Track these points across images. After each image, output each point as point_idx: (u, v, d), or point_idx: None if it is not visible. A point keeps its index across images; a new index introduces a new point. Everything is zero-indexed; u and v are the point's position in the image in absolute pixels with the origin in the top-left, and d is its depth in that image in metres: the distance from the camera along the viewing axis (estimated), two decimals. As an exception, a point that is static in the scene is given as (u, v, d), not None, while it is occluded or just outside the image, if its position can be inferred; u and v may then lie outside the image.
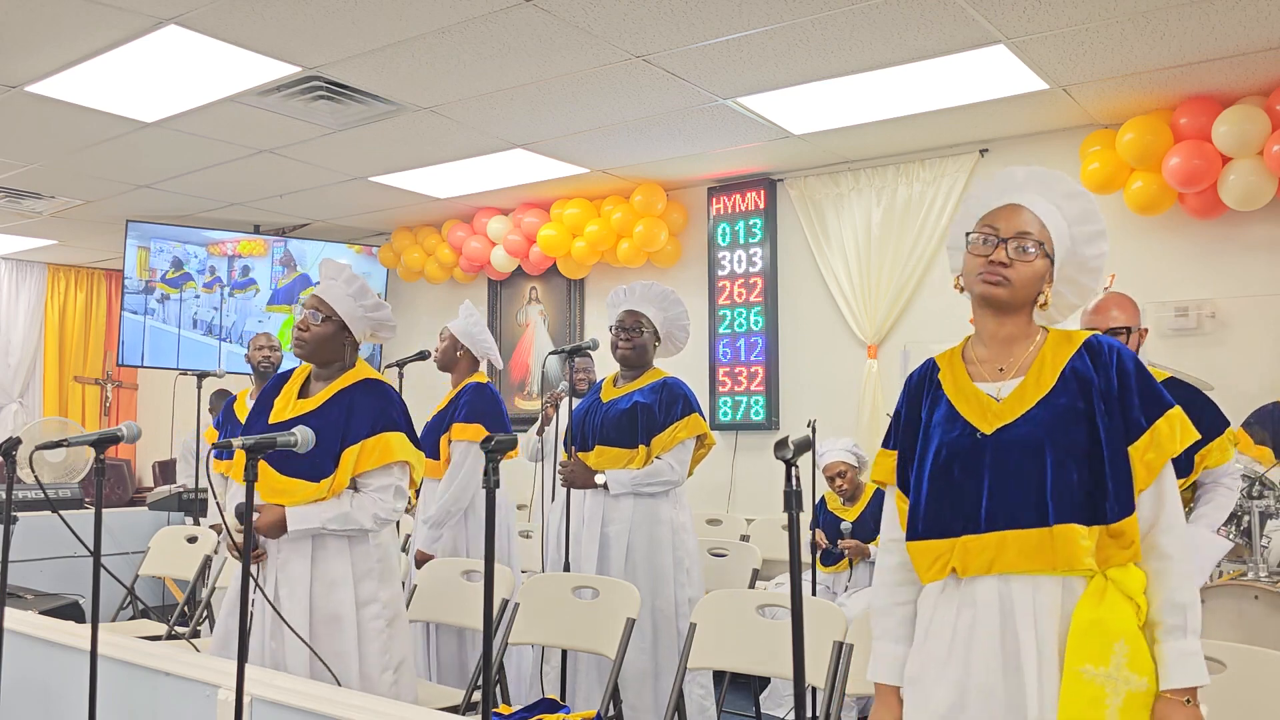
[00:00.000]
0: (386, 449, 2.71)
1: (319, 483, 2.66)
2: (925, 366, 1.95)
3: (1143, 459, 1.72)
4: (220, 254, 6.90)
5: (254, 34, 3.74)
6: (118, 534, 5.68)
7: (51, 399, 8.80)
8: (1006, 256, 1.79)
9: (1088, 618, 1.66)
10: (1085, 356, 1.78)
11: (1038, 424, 1.75)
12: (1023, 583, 1.72)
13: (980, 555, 1.74)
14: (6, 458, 2.49)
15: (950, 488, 1.79)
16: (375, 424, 2.72)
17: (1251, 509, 3.51)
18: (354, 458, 2.68)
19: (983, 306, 1.85)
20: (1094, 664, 1.64)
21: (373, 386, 2.80)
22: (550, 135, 4.96)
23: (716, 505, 5.65)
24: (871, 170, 5.37)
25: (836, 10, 3.50)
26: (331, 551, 2.71)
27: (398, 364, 4.06)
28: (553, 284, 6.67)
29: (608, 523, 3.49)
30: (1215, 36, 3.69)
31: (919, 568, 1.84)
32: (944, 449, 1.81)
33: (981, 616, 1.74)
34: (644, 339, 3.56)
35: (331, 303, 2.78)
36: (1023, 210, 1.83)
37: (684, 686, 2.77)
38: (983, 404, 1.81)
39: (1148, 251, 4.64)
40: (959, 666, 1.75)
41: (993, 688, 1.71)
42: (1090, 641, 1.65)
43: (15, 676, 2.63)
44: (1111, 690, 1.63)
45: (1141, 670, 1.65)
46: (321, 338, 2.76)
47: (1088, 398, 1.75)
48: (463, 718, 2.95)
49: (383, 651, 2.74)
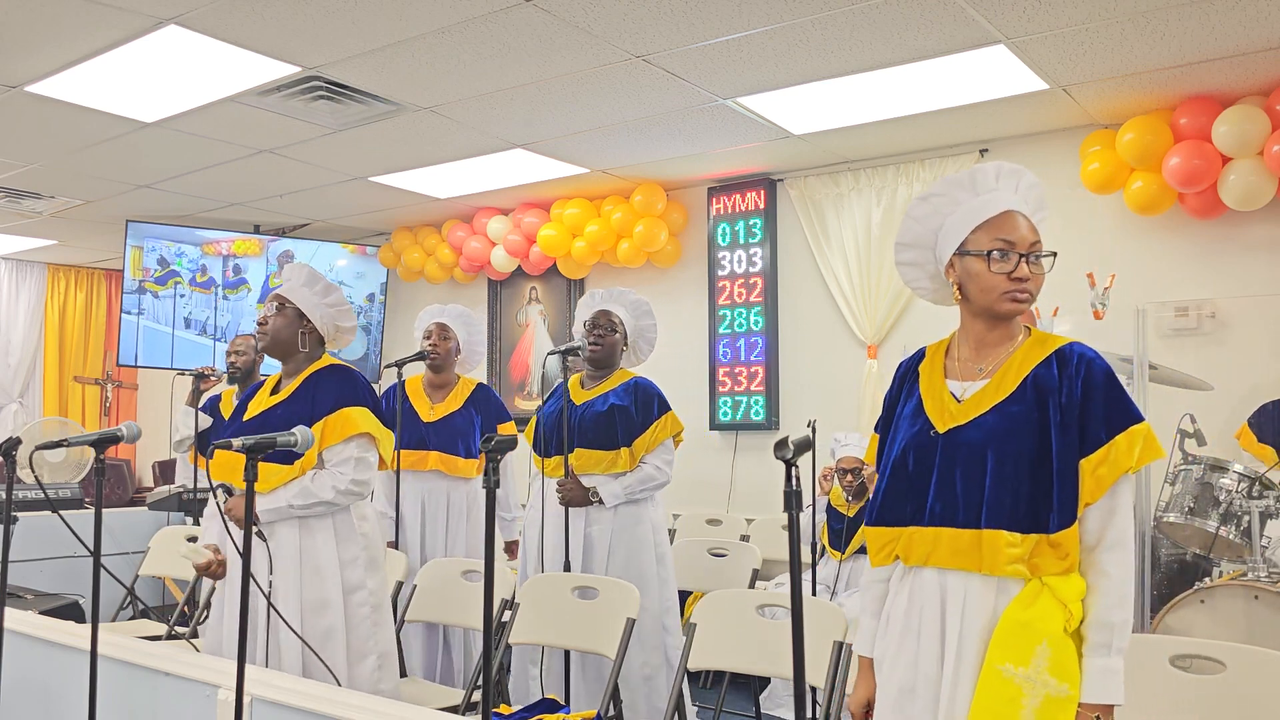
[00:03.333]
0: (347, 422, 2.80)
1: (292, 465, 2.74)
2: (916, 355, 1.99)
3: (1094, 472, 1.72)
4: (215, 254, 6.90)
5: (254, 34, 3.73)
6: (118, 534, 5.68)
7: (51, 399, 8.80)
8: (1028, 271, 1.78)
9: (1016, 618, 1.69)
10: (1053, 364, 1.79)
11: (986, 429, 1.78)
12: (958, 578, 1.77)
13: (920, 547, 1.81)
14: (6, 458, 2.49)
15: (905, 480, 1.85)
16: (338, 401, 2.81)
17: (1251, 509, 3.51)
18: (319, 434, 2.76)
19: (990, 317, 1.85)
20: (1014, 663, 1.66)
21: (337, 370, 2.91)
22: (550, 135, 4.96)
23: (716, 505, 5.64)
24: (871, 170, 5.36)
25: (836, 10, 3.50)
26: (319, 540, 2.78)
27: (397, 364, 4.06)
28: (553, 284, 6.66)
29: (590, 523, 3.52)
30: (1215, 36, 3.69)
31: (871, 551, 1.92)
32: (903, 441, 1.87)
33: (925, 607, 1.80)
34: (614, 339, 3.63)
35: (286, 294, 2.90)
36: (1018, 216, 1.82)
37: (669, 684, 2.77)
38: (944, 402, 1.85)
39: (1148, 251, 4.64)
40: (910, 653, 1.81)
41: (933, 677, 1.77)
42: (1014, 641, 1.67)
43: (15, 676, 2.63)
44: (1029, 691, 1.65)
45: (1062, 676, 1.66)
46: (278, 327, 2.88)
47: (1044, 407, 1.75)
48: (463, 718, 2.96)
49: (367, 637, 2.82)
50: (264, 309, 2.91)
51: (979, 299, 1.83)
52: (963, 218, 1.85)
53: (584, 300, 3.76)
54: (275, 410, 2.84)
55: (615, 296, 3.70)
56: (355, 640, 2.80)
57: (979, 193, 1.86)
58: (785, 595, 2.65)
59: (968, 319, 1.89)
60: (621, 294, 3.72)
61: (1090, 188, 4.54)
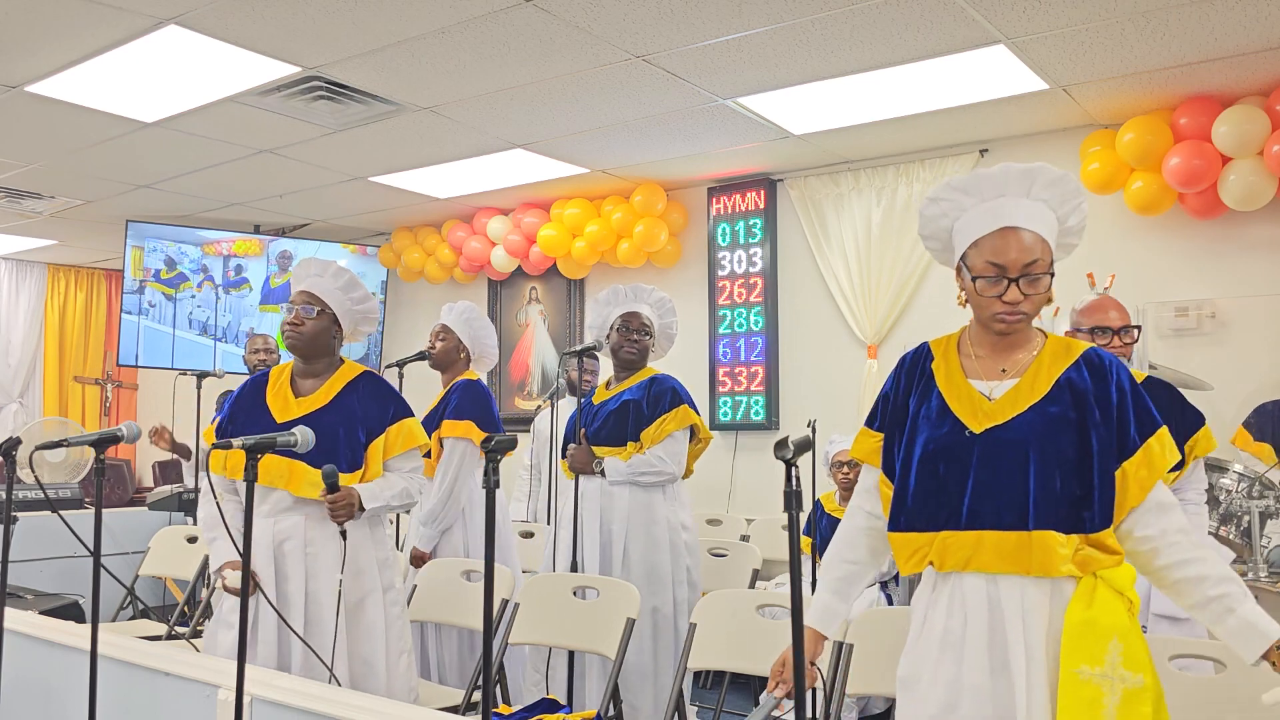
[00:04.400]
0: (410, 434, 2.86)
1: (352, 474, 2.75)
2: (919, 352, 1.94)
3: (1135, 475, 1.73)
4: (215, 254, 6.91)
5: (254, 34, 3.73)
6: (118, 534, 5.68)
7: (51, 399, 8.80)
8: (1020, 294, 1.75)
9: (1080, 618, 1.67)
10: (1084, 369, 1.78)
11: (1027, 428, 1.75)
12: (1011, 583, 1.73)
13: (958, 552, 1.77)
14: (6, 458, 2.49)
15: (934, 482, 1.81)
16: (394, 412, 2.86)
17: (1251, 509, 3.51)
18: (382, 447, 2.81)
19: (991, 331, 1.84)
20: (1090, 664, 1.65)
21: (375, 379, 2.92)
22: (550, 135, 4.96)
23: (716, 505, 5.65)
24: (871, 170, 5.37)
25: (836, 10, 3.50)
26: (357, 539, 2.76)
27: (398, 364, 4.06)
28: (553, 284, 6.67)
29: (608, 521, 3.50)
30: (1215, 36, 3.69)
31: (898, 558, 1.87)
32: (931, 443, 1.82)
33: (971, 617, 1.76)
34: (648, 342, 3.62)
35: (323, 295, 2.84)
36: (1020, 233, 1.75)
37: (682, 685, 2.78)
38: (975, 402, 1.81)
39: (1148, 251, 4.64)
40: (951, 666, 1.76)
41: (983, 688, 1.73)
42: (1084, 642, 1.66)
43: (15, 676, 2.63)
44: (1108, 689, 1.64)
45: (1137, 667, 1.66)
46: (316, 331, 2.81)
47: (1081, 409, 1.75)
48: (463, 718, 2.96)
49: (399, 636, 2.85)
50: (297, 309, 2.81)
51: (976, 313, 1.85)
52: (964, 227, 1.82)
53: (606, 297, 3.68)
54: (319, 415, 2.75)
55: (641, 295, 3.66)
56: (393, 638, 2.82)
57: (983, 199, 1.80)
58: (785, 595, 2.65)
59: (977, 327, 1.88)
60: (647, 292, 3.68)
61: (1090, 188, 4.54)
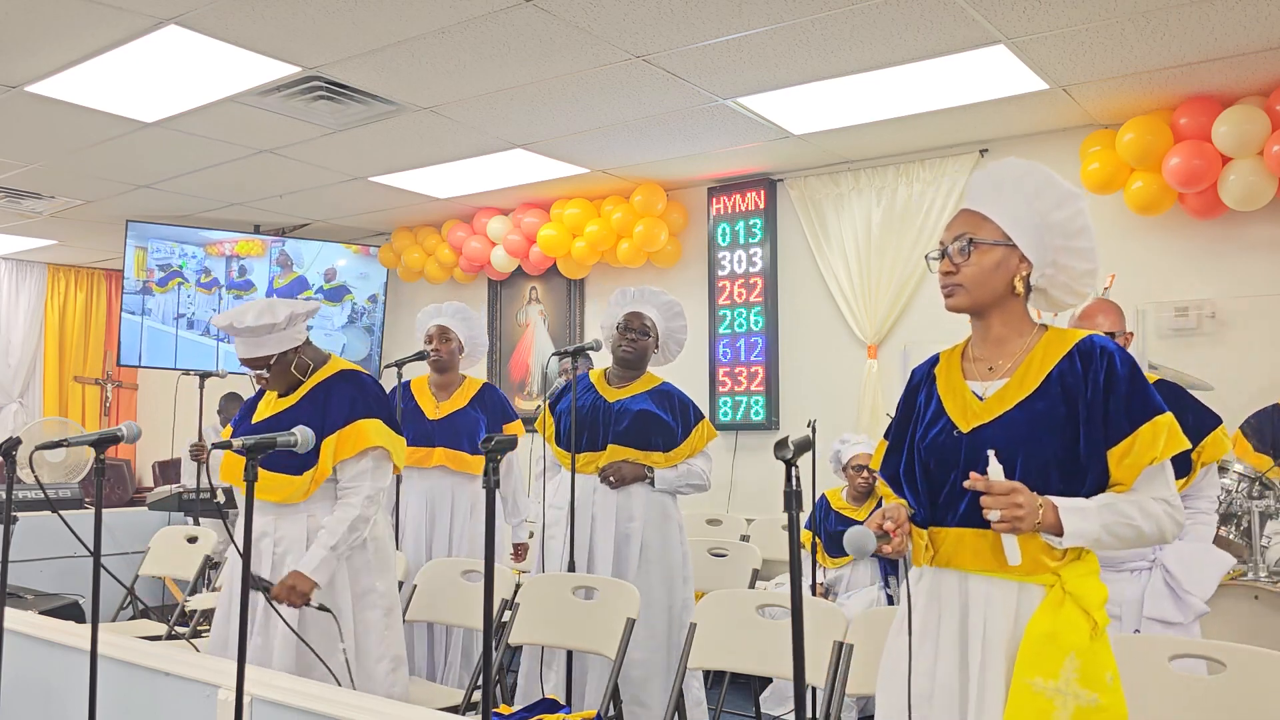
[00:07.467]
0: (361, 436, 2.78)
1: (302, 475, 2.73)
2: (929, 362, 1.99)
3: (1120, 463, 1.72)
4: (218, 254, 6.91)
5: (254, 34, 3.73)
6: (118, 534, 5.68)
7: (51, 399, 8.80)
8: (951, 264, 1.83)
9: (1042, 630, 1.67)
10: (1076, 360, 1.77)
11: (1012, 427, 1.76)
12: (979, 582, 1.75)
13: (943, 549, 1.81)
14: (6, 458, 2.49)
15: (927, 481, 1.84)
16: (351, 412, 2.79)
17: (1251, 509, 3.51)
18: (332, 447, 2.75)
19: (969, 314, 1.89)
20: (1044, 677, 1.65)
21: (348, 376, 2.87)
22: (550, 135, 4.96)
23: (716, 505, 5.64)
24: (871, 170, 5.36)
25: (836, 10, 3.50)
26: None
27: (397, 364, 4.05)
28: (553, 284, 6.67)
29: (625, 520, 3.49)
30: (1215, 36, 3.69)
31: (914, 550, 1.90)
32: (924, 442, 1.86)
33: (945, 611, 1.79)
34: (647, 343, 3.60)
35: (261, 353, 2.79)
36: (965, 214, 1.87)
37: (683, 684, 2.78)
38: (966, 402, 1.84)
39: (1148, 251, 4.64)
40: (928, 659, 1.80)
41: (951, 685, 1.76)
42: (1042, 654, 1.66)
43: (15, 676, 2.63)
44: (1060, 704, 1.64)
45: (1093, 686, 1.66)
46: (277, 373, 2.83)
47: (1071, 403, 1.74)
48: (463, 718, 2.95)
49: (379, 642, 2.80)
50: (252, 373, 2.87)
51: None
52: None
53: (616, 298, 3.67)
54: (286, 415, 2.80)
55: (647, 297, 3.63)
56: (369, 644, 2.79)
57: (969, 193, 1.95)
58: (785, 595, 2.65)
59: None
60: (654, 294, 3.65)
61: (1090, 188, 4.54)
